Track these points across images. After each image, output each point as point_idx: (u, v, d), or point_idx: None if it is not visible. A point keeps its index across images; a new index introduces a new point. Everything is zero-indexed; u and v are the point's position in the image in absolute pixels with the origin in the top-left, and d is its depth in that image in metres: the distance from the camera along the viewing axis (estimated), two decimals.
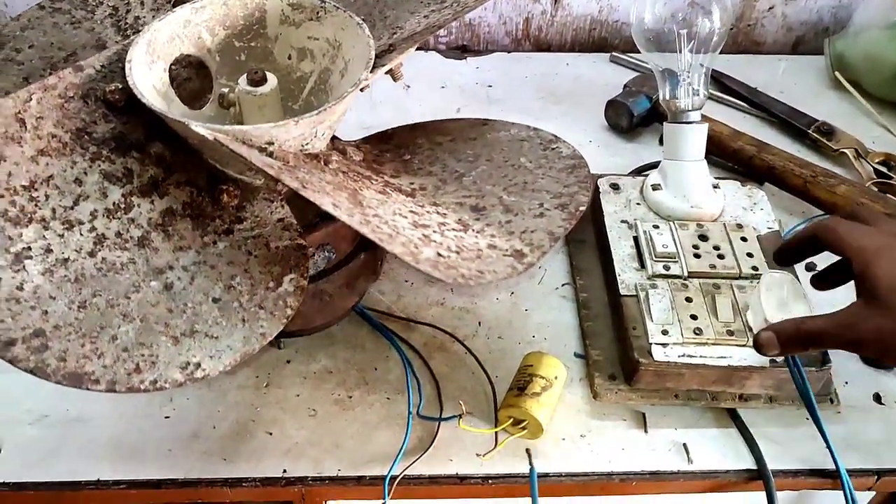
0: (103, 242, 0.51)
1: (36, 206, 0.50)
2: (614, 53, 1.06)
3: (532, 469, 0.60)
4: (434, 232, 0.50)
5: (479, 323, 0.72)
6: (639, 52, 1.02)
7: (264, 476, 0.60)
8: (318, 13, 0.61)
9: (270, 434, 0.63)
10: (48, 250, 0.49)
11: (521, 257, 0.48)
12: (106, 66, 0.55)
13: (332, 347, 0.69)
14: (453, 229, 0.51)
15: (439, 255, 0.46)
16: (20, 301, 0.46)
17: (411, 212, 0.52)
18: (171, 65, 0.59)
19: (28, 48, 0.65)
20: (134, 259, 0.51)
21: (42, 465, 0.60)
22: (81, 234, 0.50)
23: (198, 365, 0.46)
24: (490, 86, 1.01)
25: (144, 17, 0.67)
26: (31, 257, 0.48)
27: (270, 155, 0.51)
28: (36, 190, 0.50)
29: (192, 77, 0.62)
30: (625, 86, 0.94)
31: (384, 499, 0.59)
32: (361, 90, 0.54)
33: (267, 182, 0.57)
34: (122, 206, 0.52)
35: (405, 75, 0.60)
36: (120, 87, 0.54)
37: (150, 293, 0.49)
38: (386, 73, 0.58)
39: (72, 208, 0.51)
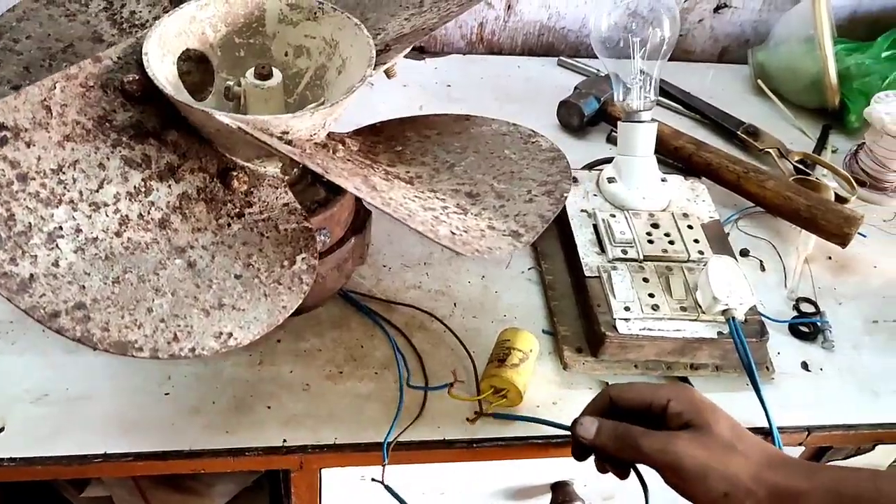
0: (127, 223, 0.54)
1: (64, 188, 0.53)
2: (561, 58, 1.13)
3: None
4: (441, 214, 0.55)
5: (455, 304, 0.77)
6: (583, 56, 1.11)
7: (266, 445, 0.64)
8: (315, 13, 0.65)
9: (269, 407, 0.67)
10: (78, 230, 0.52)
11: (518, 237, 0.55)
12: (122, 58, 0.58)
13: (318, 327, 0.74)
14: (454, 212, 0.56)
15: (452, 232, 0.52)
16: (57, 276, 0.50)
17: (416, 196, 0.57)
18: (177, 58, 0.63)
19: (25, 38, 0.67)
20: (157, 239, 0.54)
21: (48, 442, 0.62)
22: (107, 216, 0.54)
23: (230, 334, 0.51)
24: (449, 85, 1.07)
25: (140, 11, 0.70)
26: (62, 236, 0.51)
27: (289, 143, 0.55)
28: (63, 173, 0.53)
29: (192, 70, 0.66)
30: (575, 87, 1.02)
31: (384, 462, 0.64)
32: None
33: (277, 168, 0.62)
34: (143, 189, 0.56)
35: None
36: (136, 77, 0.58)
37: (176, 270, 0.53)
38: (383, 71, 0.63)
39: (97, 191, 0.54)
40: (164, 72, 0.60)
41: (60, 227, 0.52)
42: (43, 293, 0.48)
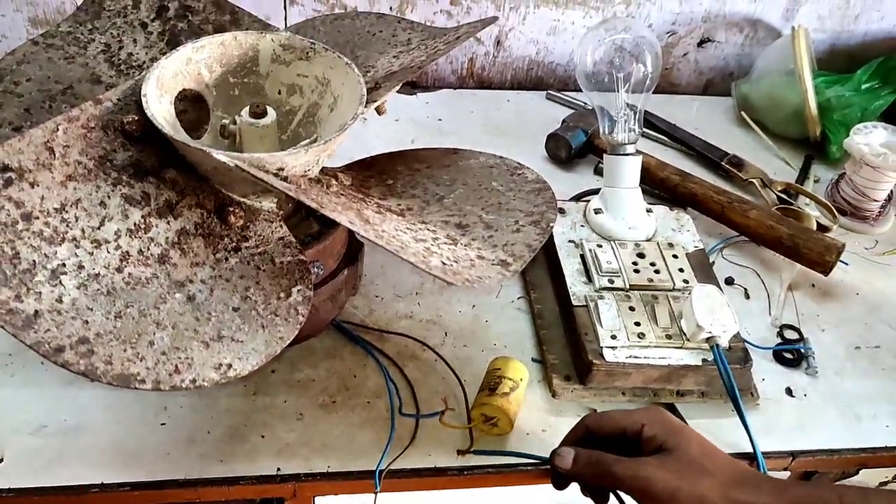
0: (128, 259, 0.56)
1: (67, 226, 0.54)
2: (550, 91, 1.16)
3: None
4: (432, 245, 0.57)
5: (446, 333, 0.79)
6: (571, 90, 1.14)
7: (260, 474, 0.65)
8: (307, 53, 0.68)
9: (263, 437, 0.68)
10: (80, 266, 0.54)
11: (507, 265, 0.56)
12: (122, 99, 0.61)
13: (312, 358, 0.75)
14: (445, 243, 0.58)
15: (443, 263, 0.54)
16: (61, 312, 0.51)
17: (408, 228, 0.59)
18: (177, 97, 0.65)
19: (26, 81, 0.69)
20: (157, 274, 0.56)
21: (45, 472, 0.63)
22: (108, 252, 0.55)
23: (229, 366, 0.52)
24: (440, 119, 1.09)
25: (137, 53, 0.72)
26: (66, 273, 0.53)
27: (285, 179, 0.57)
28: (66, 212, 0.55)
29: (188, 109, 0.68)
30: (563, 121, 1.05)
31: (376, 489, 0.65)
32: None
33: (273, 203, 0.64)
34: (143, 226, 0.57)
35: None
36: (136, 118, 0.60)
37: (176, 304, 0.55)
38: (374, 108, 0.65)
39: (98, 228, 0.56)
40: (162, 112, 0.62)
41: (63, 265, 0.53)
42: (48, 329, 0.50)
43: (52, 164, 0.55)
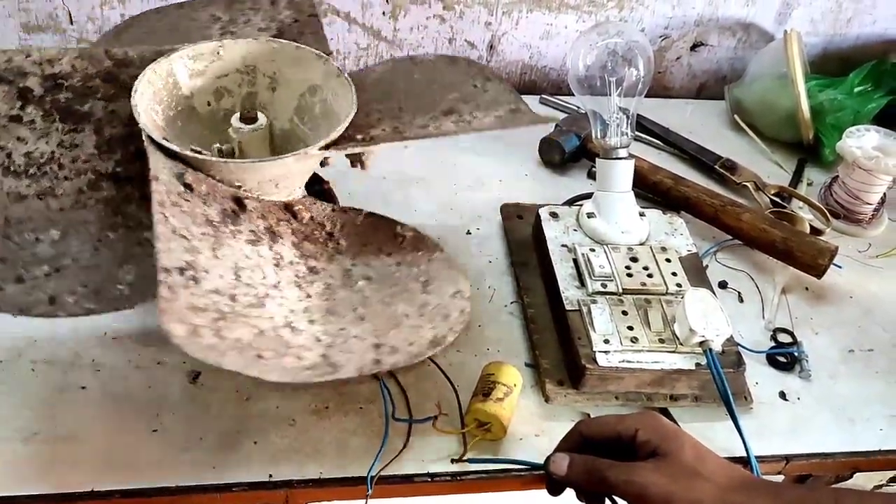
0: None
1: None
2: (543, 96, 1.16)
3: None
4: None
5: None
6: (565, 94, 1.14)
7: (252, 481, 0.65)
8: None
9: (255, 443, 0.68)
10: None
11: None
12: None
13: None
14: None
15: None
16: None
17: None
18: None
19: None
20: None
21: (35, 480, 0.63)
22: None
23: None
24: None
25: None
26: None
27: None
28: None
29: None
30: (556, 125, 1.05)
31: (367, 495, 0.65)
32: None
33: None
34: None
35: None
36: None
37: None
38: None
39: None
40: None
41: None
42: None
43: None
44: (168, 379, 0.71)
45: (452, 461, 0.68)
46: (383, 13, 1.10)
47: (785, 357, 0.81)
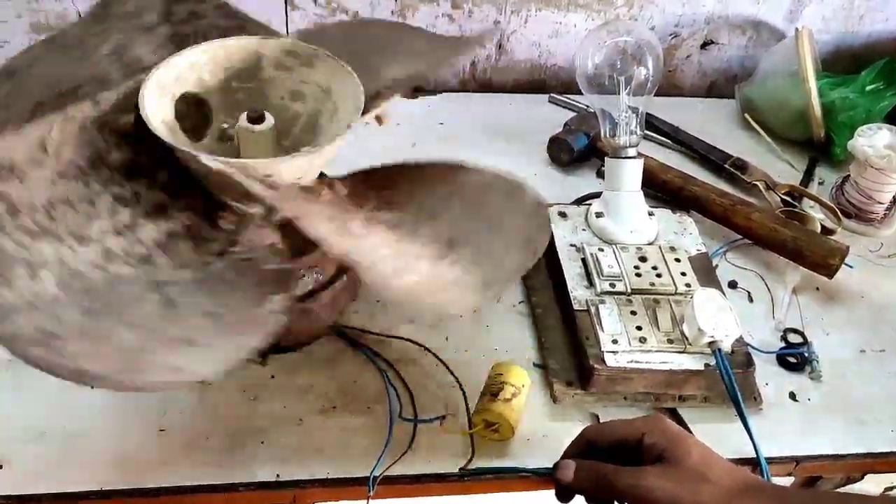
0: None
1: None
2: (552, 94, 1.16)
3: None
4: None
5: (447, 338, 0.78)
6: (574, 93, 1.13)
7: (259, 481, 0.65)
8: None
9: (262, 443, 0.68)
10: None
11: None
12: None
13: (312, 363, 0.75)
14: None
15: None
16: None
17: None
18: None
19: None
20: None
21: (44, 479, 0.63)
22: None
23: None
24: (441, 123, 1.09)
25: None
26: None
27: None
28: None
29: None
30: (565, 124, 1.04)
31: (368, 496, 0.65)
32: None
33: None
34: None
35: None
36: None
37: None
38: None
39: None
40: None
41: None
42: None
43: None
44: None
45: (460, 470, 0.67)
46: (392, 12, 1.09)
47: (795, 357, 0.80)
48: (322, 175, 0.69)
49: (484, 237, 0.62)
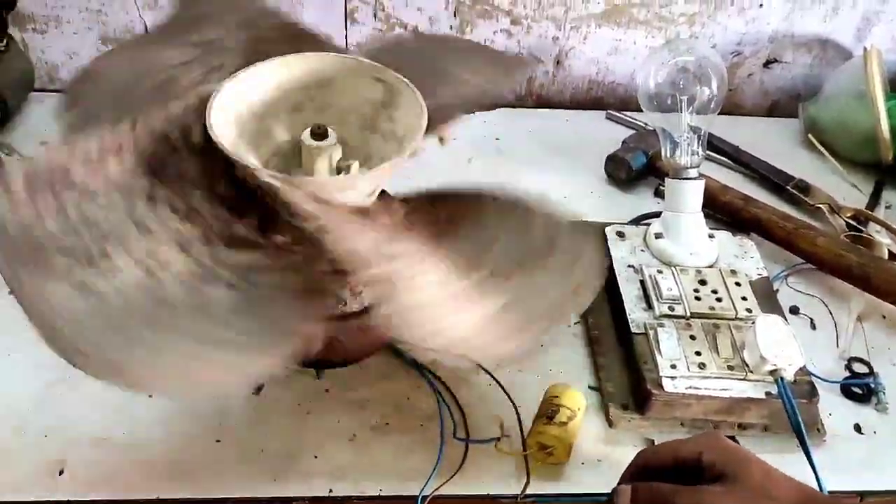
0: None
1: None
2: (610, 111, 1.15)
3: None
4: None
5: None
6: (632, 110, 1.12)
7: (313, 495, 0.65)
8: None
9: (316, 457, 0.68)
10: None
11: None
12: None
13: (367, 379, 0.75)
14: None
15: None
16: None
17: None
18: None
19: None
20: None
21: (104, 485, 0.65)
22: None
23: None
24: (497, 138, 1.09)
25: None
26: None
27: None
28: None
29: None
30: (623, 142, 1.03)
31: None
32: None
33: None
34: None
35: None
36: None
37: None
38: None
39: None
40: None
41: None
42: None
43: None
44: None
45: (519, 496, 0.66)
46: (451, 27, 1.10)
47: (860, 388, 0.78)
48: (383, 192, 0.69)
49: (538, 281, 0.61)
